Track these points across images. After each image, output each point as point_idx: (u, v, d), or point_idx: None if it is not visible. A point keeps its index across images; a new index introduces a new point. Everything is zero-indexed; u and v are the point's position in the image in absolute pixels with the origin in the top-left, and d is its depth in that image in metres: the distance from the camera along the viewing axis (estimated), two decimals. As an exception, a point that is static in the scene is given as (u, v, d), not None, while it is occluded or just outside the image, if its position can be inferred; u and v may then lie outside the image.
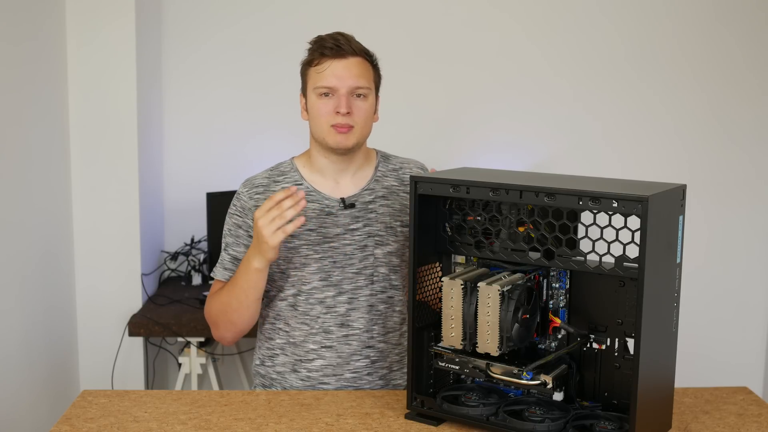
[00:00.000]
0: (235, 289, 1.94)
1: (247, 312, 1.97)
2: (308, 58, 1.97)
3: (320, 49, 1.93)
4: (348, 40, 1.95)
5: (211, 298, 2.03)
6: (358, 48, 1.95)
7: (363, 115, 1.95)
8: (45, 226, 2.93)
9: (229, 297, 1.96)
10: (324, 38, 1.95)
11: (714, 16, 3.57)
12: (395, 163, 2.10)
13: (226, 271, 2.02)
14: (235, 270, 2.00)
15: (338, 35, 1.95)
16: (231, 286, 1.96)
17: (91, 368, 3.22)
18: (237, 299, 1.94)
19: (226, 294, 1.96)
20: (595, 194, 1.51)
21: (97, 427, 1.71)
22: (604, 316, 1.70)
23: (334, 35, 1.95)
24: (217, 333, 2.05)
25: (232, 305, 1.96)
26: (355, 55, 1.94)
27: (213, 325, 2.04)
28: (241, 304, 1.95)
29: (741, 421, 1.75)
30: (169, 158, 3.55)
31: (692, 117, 3.62)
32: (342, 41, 1.93)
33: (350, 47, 1.93)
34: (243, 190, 2.02)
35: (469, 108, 3.60)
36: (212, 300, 2.02)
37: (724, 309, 3.69)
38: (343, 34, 1.96)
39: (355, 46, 1.95)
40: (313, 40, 1.98)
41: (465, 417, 1.69)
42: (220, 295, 1.99)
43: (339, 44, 1.92)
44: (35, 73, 2.85)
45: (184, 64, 3.52)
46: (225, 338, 2.04)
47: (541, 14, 3.57)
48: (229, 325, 2.00)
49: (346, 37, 1.95)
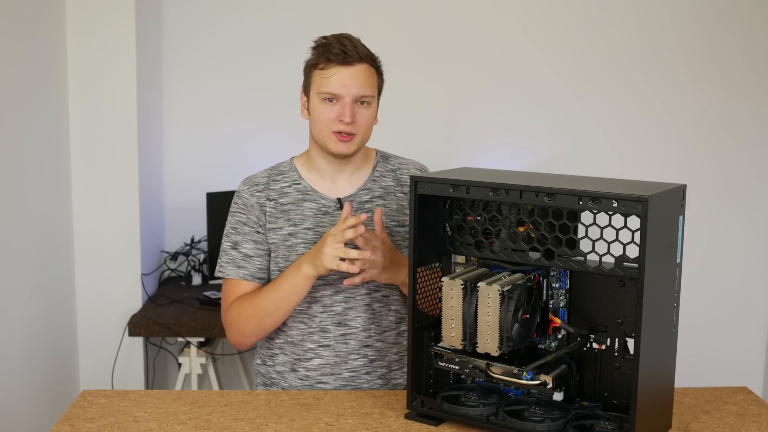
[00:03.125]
0: (276, 294, 1.91)
1: (282, 318, 1.96)
2: (314, 60, 1.94)
3: (326, 53, 1.91)
4: (354, 45, 1.92)
5: (238, 302, 1.98)
6: (364, 53, 1.93)
7: (365, 123, 1.94)
8: (45, 226, 2.93)
9: (267, 302, 1.93)
10: (331, 42, 1.92)
11: (714, 16, 3.57)
12: (394, 164, 2.10)
13: (241, 270, 2.00)
14: (249, 267, 1.99)
15: (345, 39, 1.92)
16: (270, 291, 1.93)
17: (91, 368, 3.22)
18: (276, 304, 1.92)
19: (263, 299, 1.93)
20: (595, 194, 1.51)
21: (97, 427, 1.71)
22: (604, 316, 1.70)
23: (341, 39, 1.92)
24: (240, 339, 2.00)
25: (269, 309, 1.93)
26: (362, 62, 1.91)
27: (237, 331, 1.99)
28: (280, 309, 1.93)
29: (741, 421, 1.75)
30: (169, 158, 3.55)
31: (692, 117, 3.62)
32: (349, 47, 1.90)
33: (357, 53, 1.91)
34: (243, 188, 2.02)
35: (469, 108, 3.60)
36: (241, 305, 1.97)
37: (724, 309, 3.69)
38: (349, 38, 1.94)
39: (362, 52, 1.92)
40: (319, 43, 1.94)
41: (465, 417, 1.69)
42: (253, 300, 1.95)
43: (346, 50, 1.90)
44: (35, 72, 2.85)
45: (184, 64, 3.52)
46: (245, 344, 2.00)
47: (542, 14, 3.57)
48: (257, 330, 1.97)
49: (352, 42, 1.93)
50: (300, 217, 1.99)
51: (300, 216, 1.99)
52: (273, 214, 1.99)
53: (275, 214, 1.99)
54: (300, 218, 1.99)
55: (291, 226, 1.98)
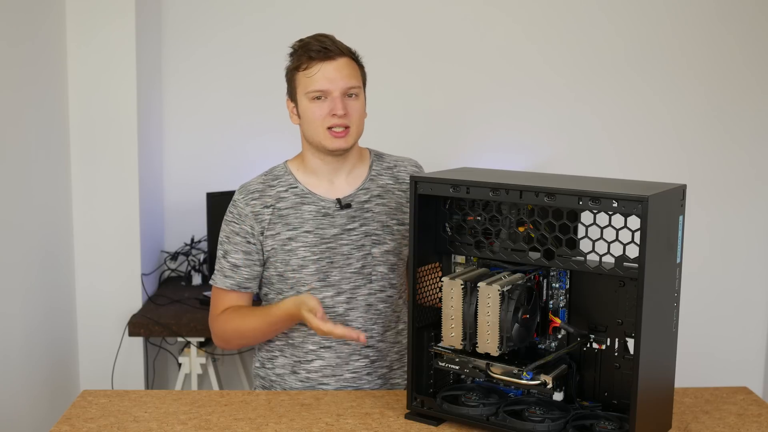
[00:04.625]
0: (263, 326, 1.97)
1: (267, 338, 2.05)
2: (295, 63, 1.96)
3: (307, 53, 1.93)
4: (332, 41, 1.95)
5: (227, 320, 2.01)
6: (344, 48, 1.96)
7: (357, 114, 1.96)
8: (45, 226, 2.93)
9: (255, 332, 2.00)
10: (309, 42, 1.95)
11: (714, 16, 3.57)
12: (389, 161, 2.10)
13: (227, 279, 2.02)
14: (235, 277, 2.01)
15: (322, 37, 1.95)
16: (258, 321, 1.97)
17: (91, 368, 3.22)
18: (264, 334, 2.00)
19: (250, 326, 1.98)
20: (595, 194, 1.51)
21: (97, 427, 1.71)
22: (604, 316, 1.70)
23: (318, 37, 1.95)
24: (226, 346, 2.10)
25: (256, 336, 2.02)
26: (343, 55, 1.94)
27: (223, 340, 2.06)
28: (266, 336, 2.02)
29: (741, 421, 1.75)
30: (169, 158, 3.55)
31: (692, 117, 3.62)
32: (328, 43, 1.93)
33: (336, 48, 1.94)
34: (239, 197, 2.02)
35: (469, 108, 3.60)
36: (228, 324, 2.01)
37: (724, 309, 3.69)
38: (325, 36, 1.96)
39: (341, 46, 1.95)
40: (297, 45, 1.97)
41: (465, 417, 1.69)
42: (243, 322, 1.99)
43: (325, 46, 1.92)
44: (35, 73, 2.85)
45: (184, 65, 3.52)
46: (230, 349, 2.09)
47: (541, 14, 3.57)
48: (242, 343, 2.08)
49: (330, 38, 1.95)
50: (299, 221, 1.98)
51: (299, 220, 1.98)
52: (271, 221, 1.98)
53: (273, 220, 1.98)
54: (299, 222, 1.98)
55: (290, 230, 1.98)
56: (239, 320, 1.99)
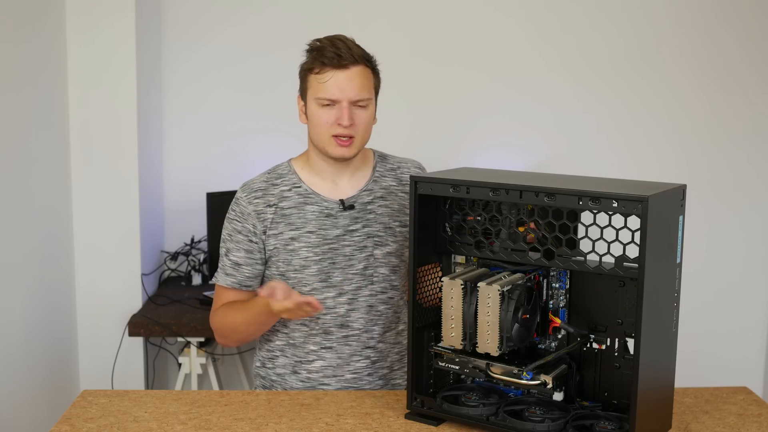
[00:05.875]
0: (249, 318, 1.97)
1: (260, 335, 2.06)
2: (308, 65, 1.93)
3: (321, 57, 1.90)
4: (348, 47, 1.90)
5: (222, 314, 2.03)
6: (359, 55, 1.91)
7: (364, 124, 1.94)
8: (45, 226, 2.93)
9: (246, 326, 1.99)
10: (324, 46, 1.91)
11: (714, 16, 3.57)
12: (393, 163, 2.10)
13: (228, 277, 2.02)
14: (237, 275, 2.01)
15: (338, 42, 1.91)
16: (245, 314, 1.97)
17: (91, 368, 3.22)
18: (254, 327, 1.99)
19: (242, 321, 1.98)
20: (595, 194, 1.51)
21: (97, 427, 1.71)
22: (604, 316, 1.70)
23: (334, 42, 1.91)
24: (225, 343, 2.10)
25: (248, 330, 2.01)
26: (356, 64, 1.90)
27: (221, 336, 2.07)
28: (258, 330, 2.02)
29: (741, 421, 1.75)
30: (169, 158, 3.55)
31: (692, 117, 3.62)
32: (343, 50, 1.89)
33: (351, 55, 1.89)
34: (242, 195, 2.01)
35: (468, 108, 3.60)
36: (224, 318, 2.02)
37: (724, 309, 3.69)
38: (343, 40, 1.92)
39: (356, 53, 1.91)
40: (313, 47, 1.93)
41: (465, 417, 1.69)
42: (234, 316, 2.00)
43: (340, 53, 1.88)
44: (35, 73, 2.85)
45: (184, 65, 3.52)
46: (230, 346, 2.08)
47: (541, 14, 3.57)
48: (239, 339, 2.07)
49: (346, 44, 1.91)
50: (302, 221, 1.98)
51: (302, 220, 1.98)
52: (274, 219, 1.98)
53: (276, 219, 1.98)
54: (302, 222, 1.98)
55: (293, 230, 1.98)
56: (231, 314, 2.00)
